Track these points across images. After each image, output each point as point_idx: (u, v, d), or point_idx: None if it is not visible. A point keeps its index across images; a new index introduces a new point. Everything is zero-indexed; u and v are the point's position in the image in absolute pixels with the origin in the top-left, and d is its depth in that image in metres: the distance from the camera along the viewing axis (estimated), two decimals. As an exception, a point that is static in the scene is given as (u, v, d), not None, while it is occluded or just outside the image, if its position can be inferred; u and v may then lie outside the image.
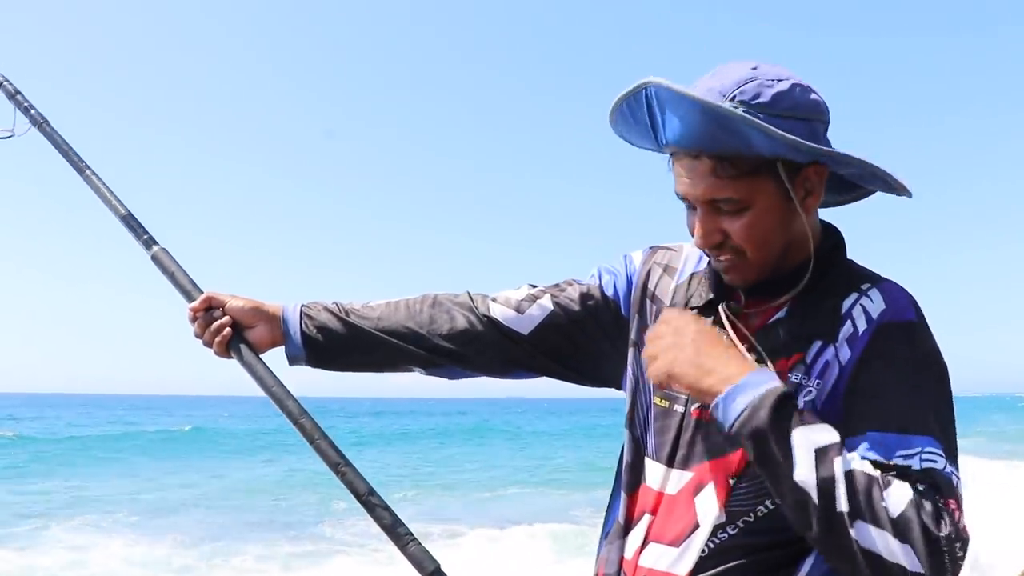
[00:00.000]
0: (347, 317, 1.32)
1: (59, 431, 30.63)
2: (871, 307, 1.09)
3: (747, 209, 1.07)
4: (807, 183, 1.09)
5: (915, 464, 0.98)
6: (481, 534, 10.37)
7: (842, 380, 1.07)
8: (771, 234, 1.09)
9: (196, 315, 1.35)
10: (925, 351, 1.07)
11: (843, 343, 1.08)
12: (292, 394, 1.31)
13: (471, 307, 1.32)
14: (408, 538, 1.22)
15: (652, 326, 1.15)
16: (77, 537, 10.03)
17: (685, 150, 1.07)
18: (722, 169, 1.05)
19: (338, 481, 1.26)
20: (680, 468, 1.14)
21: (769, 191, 1.07)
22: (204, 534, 10.38)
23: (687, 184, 1.08)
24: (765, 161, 1.05)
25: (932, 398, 1.04)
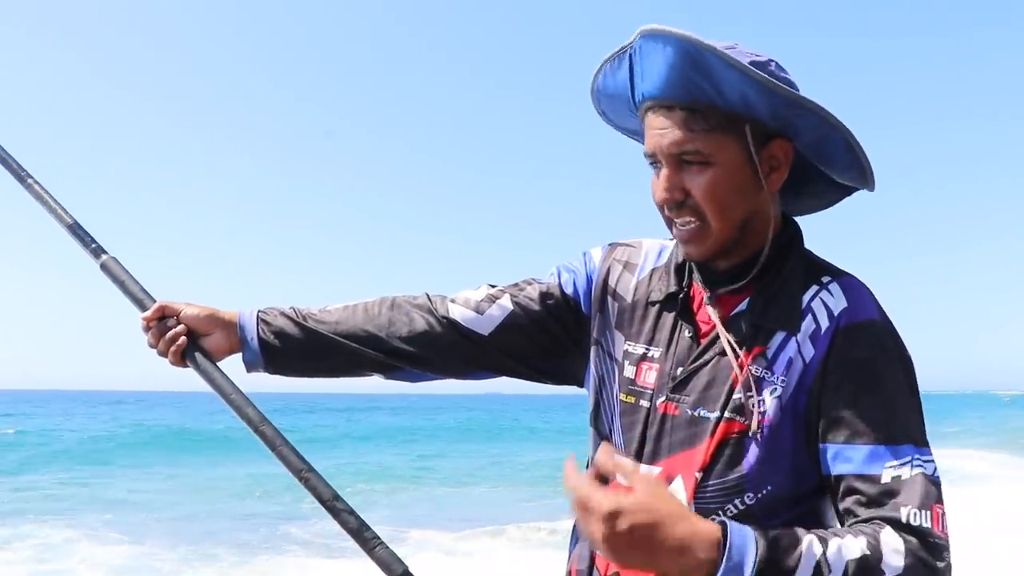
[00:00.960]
0: (304, 322, 1.30)
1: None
2: (832, 303, 1.11)
3: (711, 166, 1.08)
4: (772, 159, 1.11)
5: (904, 474, 1.03)
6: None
7: (808, 377, 1.09)
8: (731, 198, 1.10)
9: (150, 325, 1.32)
10: (891, 349, 1.10)
11: (806, 339, 1.10)
12: (252, 401, 1.29)
13: (430, 309, 1.31)
14: (375, 541, 1.21)
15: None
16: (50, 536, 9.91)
17: (659, 101, 1.09)
18: (693, 121, 1.07)
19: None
20: (648, 463, 1.15)
21: (734, 152, 1.09)
22: (173, 535, 10.27)
23: (657, 136, 1.10)
24: (733, 120, 1.07)
25: (906, 399, 1.08)
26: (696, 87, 1.06)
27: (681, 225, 1.13)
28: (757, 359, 1.11)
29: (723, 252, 1.14)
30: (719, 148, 1.08)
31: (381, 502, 13.58)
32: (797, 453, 1.10)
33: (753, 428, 1.09)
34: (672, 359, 1.16)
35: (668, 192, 1.11)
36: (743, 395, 1.10)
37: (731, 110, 1.06)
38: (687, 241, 1.14)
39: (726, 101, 1.06)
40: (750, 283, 1.15)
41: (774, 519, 1.09)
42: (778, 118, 1.08)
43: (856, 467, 1.05)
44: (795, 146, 1.12)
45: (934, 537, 1.00)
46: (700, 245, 1.13)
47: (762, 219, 1.13)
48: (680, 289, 1.20)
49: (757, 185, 1.11)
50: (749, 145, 1.08)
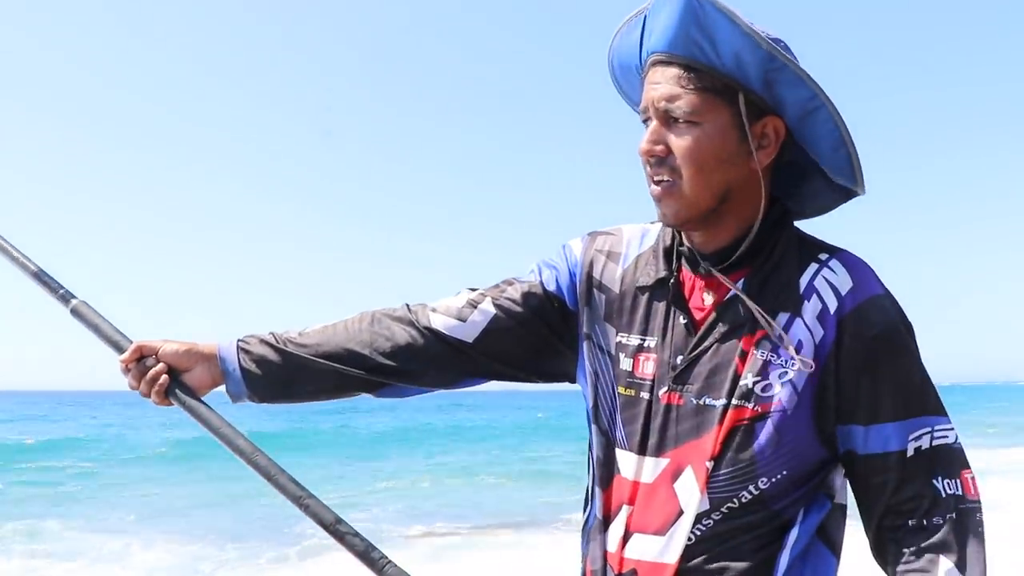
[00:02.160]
0: (285, 347, 1.27)
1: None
2: (837, 281, 1.11)
3: (697, 125, 1.08)
4: (764, 136, 1.10)
5: (925, 444, 1.09)
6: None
7: (821, 358, 1.09)
8: (712, 163, 1.09)
9: (128, 367, 1.29)
10: (900, 323, 1.12)
11: (813, 320, 1.10)
12: (241, 432, 1.27)
13: (411, 320, 1.28)
14: (383, 561, 1.20)
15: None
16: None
17: (660, 55, 1.10)
18: (687, 79, 1.08)
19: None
20: (654, 455, 1.14)
21: (724, 117, 1.09)
22: (192, 535, 10.33)
23: (651, 89, 1.11)
24: (729, 87, 1.08)
25: (920, 371, 1.12)
26: (695, 45, 1.07)
27: (656, 181, 1.12)
28: (761, 342, 1.10)
29: (700, 219, 1.12)
30: (708, 110, 1.08)
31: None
32: (810, 434, 1.10)
33: (763, 413, 1.08)
34: (670, 348, 1.15)
35: (651, 144, 1.11)
36: (750, 381, 1.09)
37: (727, 74, 1.07)
38: (660, 198, 1.13)
39: (722, 60, 1.06)
40: (743, 265, 1.14)
41: (785, 499, 1.10)
42: (768, 85, 1.07)
43: (882, 447, 1.09)
44: (787, 127, 1.11)
45: (966, 503, 1.08)
46: (674, 204, 1.12)
47: (746, 195, 1.12)
48: (669, 274, 1.18)
49: (743, 157, 1.10)
50: (741, 114, 1.08)
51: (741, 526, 1.09)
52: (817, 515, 1.12)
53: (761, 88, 1.08)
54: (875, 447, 1.09)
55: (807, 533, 1.11)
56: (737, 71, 1.07)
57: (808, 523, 1.11)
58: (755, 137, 1.10)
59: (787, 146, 1.13)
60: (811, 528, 1.11)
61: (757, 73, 1.06)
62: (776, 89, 1.08)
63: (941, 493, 1.07)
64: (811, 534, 1.11)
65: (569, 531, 9.16)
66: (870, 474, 1.10)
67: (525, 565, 8.03)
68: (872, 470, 1.09)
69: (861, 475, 1.11)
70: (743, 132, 1.09)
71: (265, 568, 8.36)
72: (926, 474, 1.08)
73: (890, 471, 1.08)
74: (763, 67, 1.06)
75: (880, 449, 1.08)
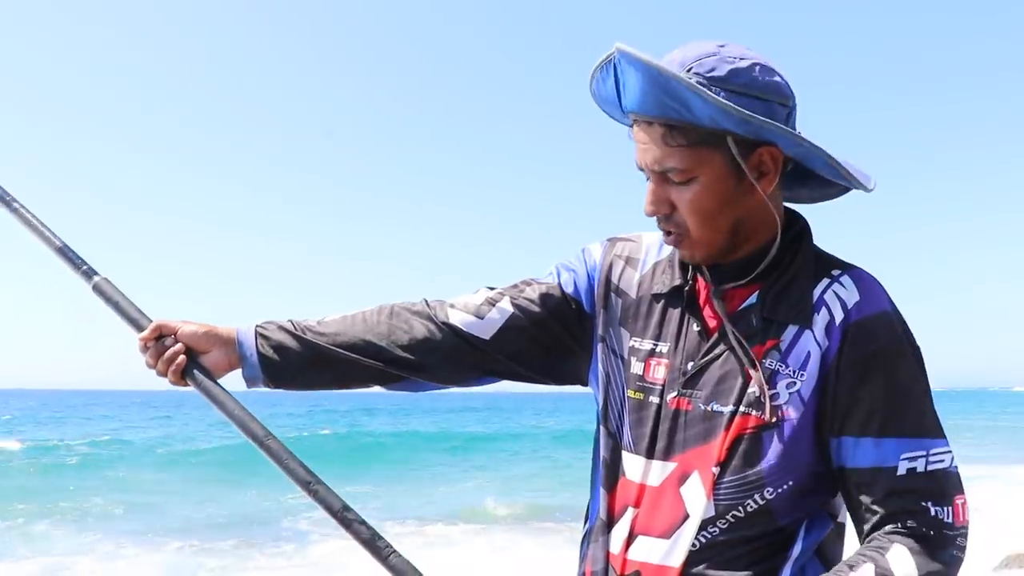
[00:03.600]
0: (303, 335, 1.28)
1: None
2: (845, 295, 1.12)
3: (693, 180, 1.09)
4: (761, 165, 1.10)
5: (920, 466, 1.07)
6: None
7: (824, 370, 1.10)
8: (716, 210, 1.10)
9: (147, 345, 1.30)
10: (904, 340, 1.12)
11: (822, 332, 1.10)
12: (255, 416, 1.28)
13: (429, 315, 1.29)
14: (388, 550, 1.20)
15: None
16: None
17: (641, 116, 1.10)
18: (671, 138, 1.08)
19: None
20: (661, 459, 1.15)
21: (716, 165, 1.09)
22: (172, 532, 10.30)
23: (641, 151, 1.12)
24: (714, 134, 1.07)
25: (920, 391, 1.11)
26: (669, 107, 1.06)
27: (667, 234, 1.15)
28: (771, 352, 1.11)
29: (718, 255, 1.15)
30: (700, 163, 1.08)
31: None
32: (816, 447, 1.10)
33: (770, 422, 1.09)
34: (681, 354, 1.16)
35: (653, 206, 1.13)
36: (758, 389, 1.10)
37: (706, 127, 1.06)
38: (676, 245, 1.16)
39: (699, 120, 1.06)
40: (758, 278, 1.15)
41: (790, 514, 1.11)
42: (753, 132, 1.07)
43: (872, 460, 1.08)
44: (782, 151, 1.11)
45: (953, 530, 1.06)
46: (688, 249, 1.15)
47: (757, 220, 1.14)
48: (685, 282, 1.20)
49: (745, 192, 1.11)
50: (735, 156, 1.08)
51: (745, 536, 1.10)
52: (819, 532, 1.13)
53: (747, 133, 1.07)
54: (864, 460, 1.08)
55: (808, 550, 1.12)
56: (717, 126, 1.06)
57: (810, 539, 1.12)
58: (752, 169, 1.10)
59: (787, 159, 1.13)
60: (812, 544, 1.12)
61: (737, 126, 1.06)
62: (762, 135, 1.08)
63: (930, 517, 1.06)
64: (810, 551, 1.12)
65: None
66: (859, 488, 1.08)
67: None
68: (861, 484, 1.08)
69: (851, 489, 1.09)
70: (740, 170, 1.09)
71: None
72: (918, 496, 1.06)
73: (879, 486, 1.07)
74: (738, 124, 1.06)
75: (869, 463, 1.07)
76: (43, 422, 33.50)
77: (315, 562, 8.56)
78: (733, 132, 1.07)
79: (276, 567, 8.59)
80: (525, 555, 8.78)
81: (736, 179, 1.10)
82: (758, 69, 1.08)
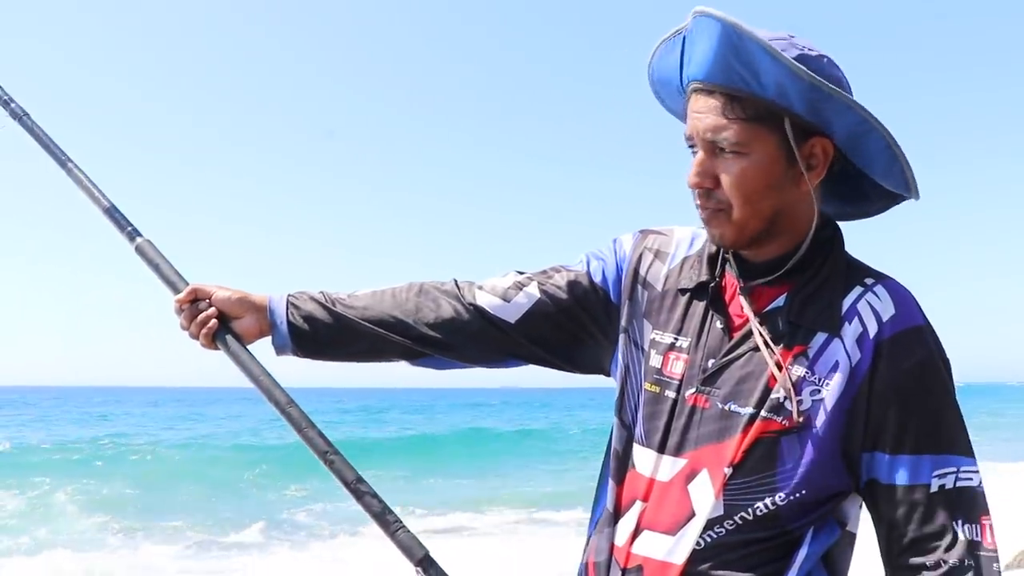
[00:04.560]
0: (333, 307, 1.31)
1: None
2: (879, 307, 1.10)
3: (744, 156, 1.08)
4: (812, 156, 1.09)
5: (949, 483, 1.07)
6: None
7: (856, 382, 1.08)
8: (760, 191, 1.09)
9: (182, 307, 1.33)
10: (938, 357, 1.10)
11: (853, 343, 1.08)
12: (279, 383, 1.31)
13: (457, 295, 1.30)
14: (397, 525, 1.22)
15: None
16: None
17: (702, 84, 1.09)
18: (730, 109, 1.07)
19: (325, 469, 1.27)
20: (672, 455, 1.13)
21: (770, 145, 1.07)
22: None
23: (695, 119, 1.10)
24: (773, 113, 1.06)
25: (953, 408, 1.10)
26: (736, 74, 1.05)
27: (705, 208, 1.13)
28: (798, 358, 1.09)
29: (749, 241, 1.13)
30: (754, 139, 1.07)
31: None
32: (835, 457, 1.09)
33: (791, 428, 1.07)
34: (703, 350, 1.15)
35: (699, 177, 1.11)
36: (782, 395, 1.08)
37: (770, 101, 1.05)
38: (709, 221, 1.13)
39: (764, 90, 1.05)
40: (787, 279, 1.13)
41: (799, 520, 1.09)
42: (815, 111, 1.06)
43: (905, 478, 1.07)
44: (835, 144, 1.09)
45: (983, 550, 1.05)
46: (722, 228, 1.12)
47: (796, 215, 1.12)
48: (712, 278, 1.18)
49: (791, 181, 1.09)
50: (789, 139, 1.07)
51: (751, 539, 1.09)
52: (826, 539, 1.11)
53: (807, 112, 1.06)
54: (900, 478, 1.07)
55: (814, 556, 1.10)
56: (781, 98, 1.05)
57: (816, 546, 1.10)
58: (803, 158, 1.08)
59: (836, 158, 1.11)
60: (819, 551, 1.10)
61: (801, 100, 1.05)
62: (823, 114, 1.06)
63: (960, 536, 1.05)
64: (816, 558, 1.10)
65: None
66: (892, 505, 1.08)
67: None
68: (894, 501, 1.07)
69: (883, 505, 1.09)
70: (791, 156, 1.08)
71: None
72: (947, 514, 1.06)
73: (912, 504, 1.06)
74: (807, 96, 1.04)
75: (904, 481, 1.07)
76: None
77: (317, 555, 8.62)
78: (793, 113, 1.06)
79: (279, 561, 8.67)
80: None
81: (786, 164, 1.08)
82: (826, 61, 1.08)
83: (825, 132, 1.08)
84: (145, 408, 44.06)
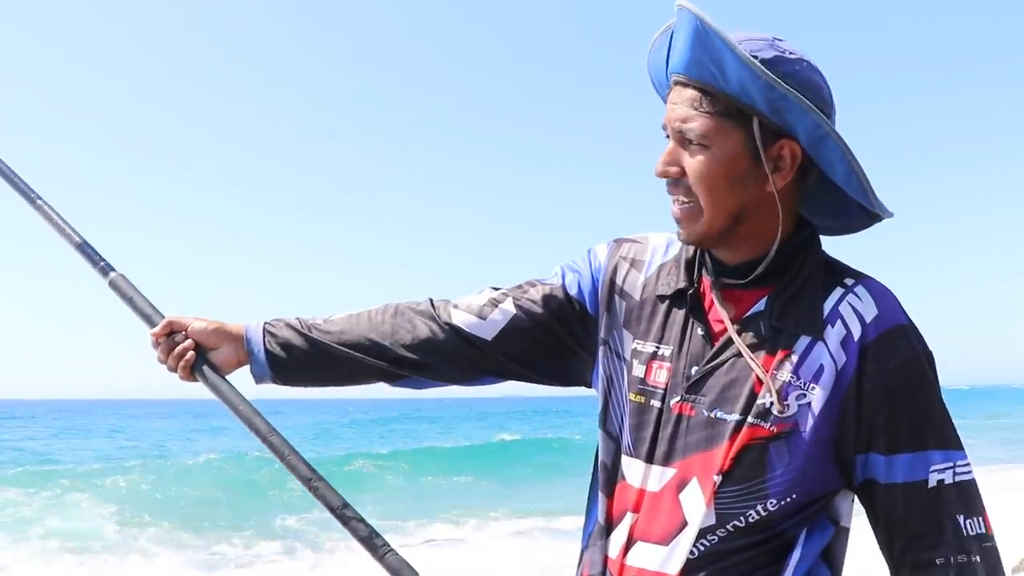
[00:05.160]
0: (309, 333, 1.30)
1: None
2: (861, 308, 1.10)
3: (707, 148, 1.09)
4: (779, 159, 1.10)
5: (948, 478, 1.08)
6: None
7: (842, 385, 1.08)
8: (723, 184, 1.09)
9: (158, 340, 1.33)
10: (922, 354, 1.11)
11: (837, 346, 1.09)
12: (260, 412, 1.30)
13: (432, 315, 1.30)
14: (384, 549, 1.22)
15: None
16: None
17: (679, 76, 1.11)
18: (700, 102, 1.09)
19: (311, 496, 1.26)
20: (661, 464, 1.13)
21: (735, 141, 1.08)
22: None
23: (670, 109, 1.12)
24: (742, 112, 1.07)
25: (940, 403, 1.11)
26: (705, 69, 1.07)
27: (674, 202, 1.14)
28: (782, 363, 1.09)
29: (716, 238, 1.13)
30: (719, 133, 1.08)
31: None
32: (825, 460, 1.09)
33: (779, 434, 1.08)
34: (685, 358, 1.15)
35: (665, 166, 1.13)
36: (767, 400, 1.08)
37: (736, 98, 1.07)
38: (677, 219, 1.14)
39: (729, 86, 1.06)
40: (766, 283, 1.14)
41: (790, 521, 1.10)
42: (776, 112, 1.07)
43: (903, 476, 1.08)
44: (803, 150, 1.10)
45: (988, 542, 1.07)
46: (689, 225, 1.13)
47: (763, 216, 1.12)
48: (690, 285, 1.18)
49: (757, 180, 1.09)
50: (756, 138, 1.08)
51: (745, 545, 1.09)
52: (821, 538, 1.11)
53: (770, 113, 1.07)
54: (898, 477, 1.08)
55: (810, 555, 1.10)
56: (744, 96, 1.06)
57: (812, 545, 1.10)
58: (770, 160, 1.09)
59: (810, 166, 1.12)
60: (815, 551, 1.11)
61: (762, 100, 1.06)
62: (783, 115, 1.07)
63: (964, 531, 1.06)
64: (815, 556, 1.11)
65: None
66: (892, 503, 1.08)
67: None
68: (893, 500, 1.08)
69: (882, 504, 1.09)
70: (756, 155, 1.08)
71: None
72: (949, 509, 1.07)
73: (912, 502, 1.07)
74: (766, 95, 1.05)
75: (902, 479, 1.08)
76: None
77: (316, 564, 8.65)
78: (760, 113, 1.07)
79: (278, 566, 8.69)
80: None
81: (751, 163, 1.09)
82: (804, 65, 1.08)
83: (792, 136, 1.09)
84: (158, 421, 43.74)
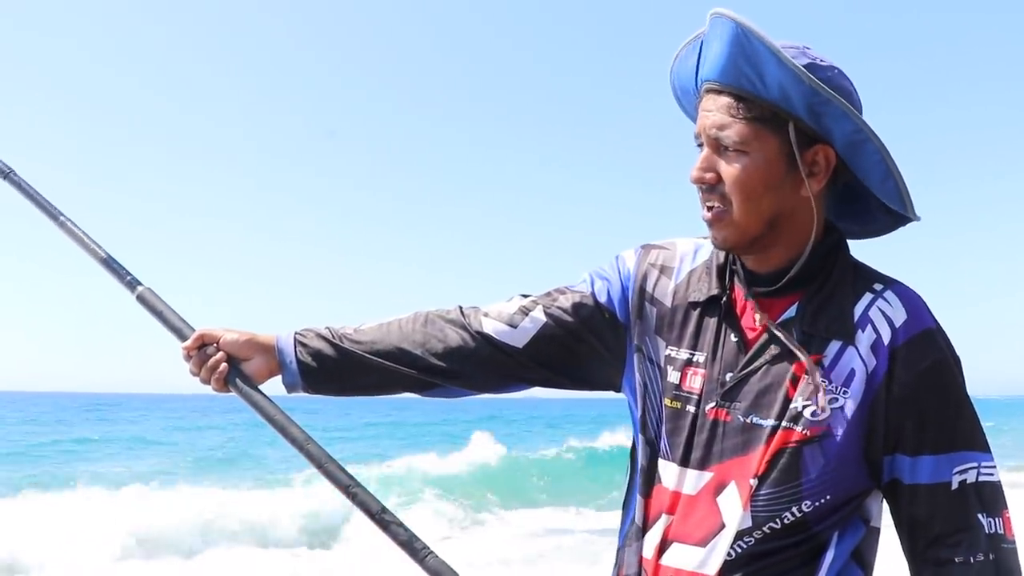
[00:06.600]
0: (340, 342, 1.31)
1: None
2: (891, 313, 1.13)
3: (744, 154, 1.11)
4: (814, 164, 1.12)
5: (970, 478, 1.12)
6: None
7: (872, 388, 1.11)
8: (759, 190, 1.12)
9: (190, 354, 1.33)
10: (951, 357, 1.14)
11: (868, 350, 1.12)
12: (295, 421, 1.32)
13: (463, 324, 1.31)
14: (425, 552, 1.23)
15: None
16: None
17: (713, 83, 1.13)
18: (736, 108, 1.11)
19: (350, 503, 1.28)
20: (697, 468, 1.16)
21: (771, 146, 1.11)
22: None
23: (704, 116, 1.14)
24: (778, 117, 1.10)
25: (968, 406, 1.14)
26: (743, 75, 1.09)
27: (707, 207, 1.15)
28: (813, 368, 1.12)
29: (750, 243, 1.15)
30: (756, 139, 1.10)
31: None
32: (857, 462, 1.13)
33: (813, 437, 1.11)
34: (719, 364, 1.17)
35: (700, 172, 1.14)
36: (801, 404, 1.11)
37: (774, 104, 1.09)
38: (711, 223, 1.16)
39: (768, 92, 1.09)
40: (796, 289, 1.16)
41: (825, 522, 1.13)
42: (815, 117, 1.09)
43: (927, 477, 1.11)
44: (838, 155, 1.12)
45: (1006, 543, 1.10)
46: (723, 229, 1.15)
47: (797, 222, 1.14)
48: (722, 292, 1.20)
49: (791, 185, 1.12)
50: (791, 143, 1.10)
51: (781, 546, 1.12)
52: (853, 538, 1.15)
53: (809, 118, 1.09)
54: (922, 477, 1.11)
55: (843, 555, 1.14)
56: (784, 102, 1.08)
57: (844, 545, 1.14)
58: (805, 164, 1.11)
59: (841, 171, 1.14)
60: (847, 550, 1.14)
61: (803, 105, 1.08)
62: (823, 120, 1.09)
63: (983, 530, 1.10)
64: (847, 556, 1.14)
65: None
66: (915, 503, 1.12)
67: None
68: (917, 500, 1.12)
69: (905, 504, 1.13)
70: (792, 160, 1.11)
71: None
72: (971, 509, 1.10)
73: (935, 502, 1.11)
74: (808, 100, 1.08)
75: (926, 480, 1.11)
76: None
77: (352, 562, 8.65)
78: (797, 118, 1.09)
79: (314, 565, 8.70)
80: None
81: (787, 168, 1.11)
82: (836, 72, 1.11)
83: (828, 140, 1.11)
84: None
